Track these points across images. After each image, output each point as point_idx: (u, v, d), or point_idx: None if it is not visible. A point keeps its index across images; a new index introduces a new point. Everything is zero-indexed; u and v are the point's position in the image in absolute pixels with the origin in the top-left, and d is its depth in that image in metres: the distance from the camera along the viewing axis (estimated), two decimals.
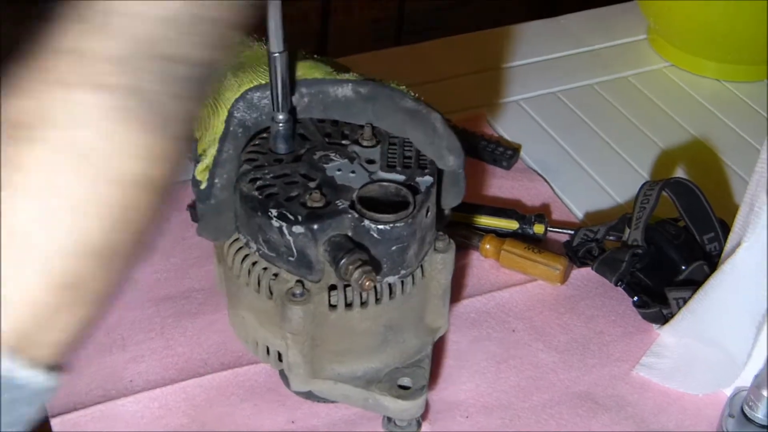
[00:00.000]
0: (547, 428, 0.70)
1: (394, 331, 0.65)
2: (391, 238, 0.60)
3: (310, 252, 0.61)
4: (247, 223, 0.62)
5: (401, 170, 0.64)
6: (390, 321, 0.65)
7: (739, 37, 1.04)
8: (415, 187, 0.63)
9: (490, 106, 1.03)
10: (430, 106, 0.65)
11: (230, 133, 0.63)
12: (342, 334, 0.64)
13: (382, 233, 0.60)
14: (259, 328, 0.65)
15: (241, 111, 0.64)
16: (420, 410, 0.66)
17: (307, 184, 0.62)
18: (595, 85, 1.08)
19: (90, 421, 0.69)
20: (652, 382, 0.74)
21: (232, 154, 0.63)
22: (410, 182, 0.63)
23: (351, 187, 0.63)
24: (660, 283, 0.77)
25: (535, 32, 1.16)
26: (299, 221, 0.60)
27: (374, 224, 0.60)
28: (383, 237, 0.60)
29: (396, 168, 0.64)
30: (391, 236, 0.60)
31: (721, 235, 0.78)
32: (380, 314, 0.64)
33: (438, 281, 0.67)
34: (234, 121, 0.64)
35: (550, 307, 0.79)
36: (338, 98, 0.65)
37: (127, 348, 0.74)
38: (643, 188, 0.80)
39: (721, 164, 0.97)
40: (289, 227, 0.60)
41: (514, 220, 0.84)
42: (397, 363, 0.66)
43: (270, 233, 0.61)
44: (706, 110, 1.05)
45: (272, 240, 0.61)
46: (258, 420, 0.69)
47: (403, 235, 0.61)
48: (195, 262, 0.81)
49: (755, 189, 0.68)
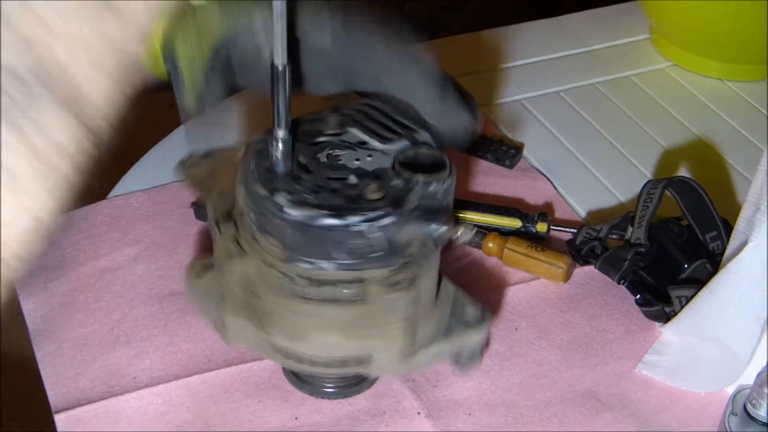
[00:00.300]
0: (550, 426, 0.70)
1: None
2: (449, 192, 0.63)
3: (396, 238, 0.60)
4: (316, 247, 0.60)
5: (397, 138, 0.64)
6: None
7: (741, 37, 1.05)
8: (427, 143, 0.64)
9: (493, 106, 1.03)
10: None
11: (215, 68, 0.63)
12: (426, 298, 0.65)
13: (447, 190, 0.62)
14: (346, 342, 0.64)
15: (226, 50, 0.63)
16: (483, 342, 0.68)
17: (347, 183, 0.62)
18: (597, 85, 1.08)
19: (94, 417, 0.69)
20: (654, 380, 0.74)
21: (219, 86, 0.63)
22: (415, 142, 0.64)
23: (383, 167, 0.63)
24: (663, 282, 0.77)
25: (537, 32, 1.17)
26: (385, 214, 0.60)
27: (440, 183, 0.61)
28: (446, 192, 0.62)
29: (391, 138, 0.64)
30: (449, 191, 0.62)
31: (724, 233, 0.78)
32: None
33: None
34: (219, 58, 0.63)
35: (553, 305, 0.80)
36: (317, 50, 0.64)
37: (131, 344, 0.74)
38: (646, 187, 0.80)
39: (723, 163, 0.97)
40: (375, 225, 0.59)
41: (517, 219, 0.85)
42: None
43: (351, 240, 0.60)
44: (708, 109, 1.05)
45: (354, 246, 0.60)
46: (262, 416, 0.70)
47: (452, 186, 0.63)
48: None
49: (759, 188, 0.68)
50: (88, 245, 0.82)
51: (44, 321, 0.76)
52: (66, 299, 0.77)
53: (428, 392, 0.72)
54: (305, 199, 0.60)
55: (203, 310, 0.68)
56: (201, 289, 0.68)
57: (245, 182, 0.62)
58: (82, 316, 0.76)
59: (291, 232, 0.60)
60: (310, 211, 0.59)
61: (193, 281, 0.68)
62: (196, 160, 0.71)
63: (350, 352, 0.64)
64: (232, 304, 0.65)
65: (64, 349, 0.74)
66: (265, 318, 0.64)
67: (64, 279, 0.79)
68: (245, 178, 0.62)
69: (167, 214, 0.85)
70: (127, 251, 0.82)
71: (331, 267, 0.61)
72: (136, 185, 0.89)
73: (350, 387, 0.71)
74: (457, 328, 0.66)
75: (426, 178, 0.61)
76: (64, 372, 0.72)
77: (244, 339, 0.66)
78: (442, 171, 0.62)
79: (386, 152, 0.64)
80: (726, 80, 1.09)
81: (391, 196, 0.61)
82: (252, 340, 0.66)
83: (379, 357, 0.64)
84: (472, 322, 0.67)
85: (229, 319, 0.65)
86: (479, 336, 0.67)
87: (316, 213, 0.59)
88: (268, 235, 0.61)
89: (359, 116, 0.67)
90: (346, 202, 0.60)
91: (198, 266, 0.69)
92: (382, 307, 0.62)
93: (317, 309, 0.62)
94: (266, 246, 0.62)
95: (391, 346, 0.64)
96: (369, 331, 0.63)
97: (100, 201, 0.87)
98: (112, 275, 0.80)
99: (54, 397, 0.70)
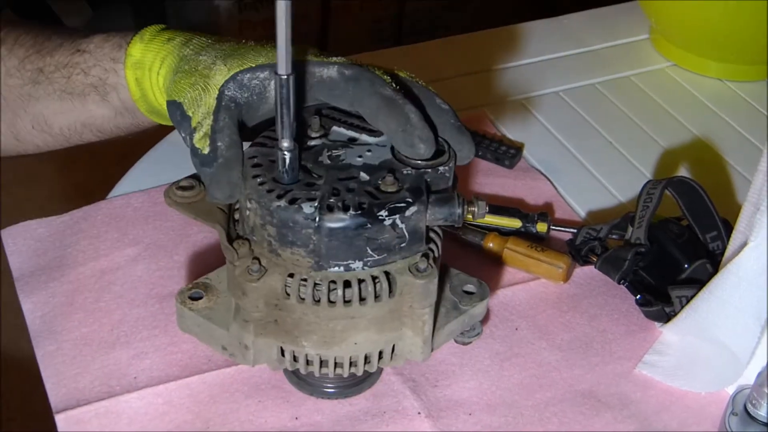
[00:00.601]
0: (550, 426, 0.70)
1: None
2: (452, 173, 0.64)
3: (420, 225, 0.62)
4: (348, 249, 0.60)
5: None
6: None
7: (741, 37, 1.05)
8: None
9: (492, 106, 1.03)
10: (407, 99, 0.64)
11: (223, 106, 0.64)
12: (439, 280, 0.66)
13: (451, 170, 0.64)
14: (379, 337, 0.64)
15: (231, 90, 0.64)
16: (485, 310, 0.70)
17: (360, 180, 0.62)
18: (597, 85, 1.08)
19: (94, 417, 0.69)
20: (654, 380, 0.74)
21: (228, 122, 0.63)
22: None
23: (387, 159, 0.63)
24: (663, 282, 0.77)
25: (537, 32, 1.17)
26: (409, 204, 0.61)
27: (447, 166, 0.63)
28: (451, 173, 0.64)
29: (377, 131, 0.65)
30: (452, 171, 0.64)
31: (723, 233, 0.78)
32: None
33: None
34: (225, 97, 0.64)
35: (553, 306, 0.80)
36: (323, 79, 0.65)
37: (131, 345, 0.74)
38: (646, 187, 0.80)
39: (723, 163, 0.97)
40: (401, 216, 0.60)
41: (517, 219, 0.85)
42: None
43: (382, 235, 0.60)
44: (708, 110, 1.05)
45: (384, 241, 0.61)
46: (262, 416, 0.70)
47: (454, 166, 0.65)
48: (198, 260, 0.82)
49: (759, 188, 0.68)
50: (88, 245, 0.82)
51: (44, 321, 0.76)
52: (66, 299, 0.77)
53: (428, 392, 0.72)
54: (330, 204, 0.60)
55: (206, 336, 0.67)
56: (201, 315, 0.66)
57: (257, 198, 0.61)
58: (82, 316, 0.76)
59: (322, 238, 0.60)
60: (340, 213, 0.60)
61: (188, 309, 0.67)
62: (185, 183, 0.67)
63: (381, 347, 0.65)
64: (254, 324, 0.64)
65: (64, 349, 0.74)
66: (295, 330, 0.63)
67: (64, 279, 0.79)
68: (256, 193, 0.61)
69: (167, 214, 0.85)
70: (127, 251, 0.82)
71: (362, 266, 0.61)
72: (136, 186, 0.89)
73: (350, 387, 0.71)
74: (461, 303, 0.68)
75: (432, 163, 0.63)
76: (64, 372, 0.72)
77: (267, 358, 0.65)
78: (443, 154, 0.64)
79: (381, 144, 0.65)
80: (726, 80, 1.09)
81: (408, 185, 0.62)
82: (276, 356, 0.65)
83: (405, 345, 0.65)
84: (474, 296, 0.69)
85: (252, 339, 0.64)
86: (482, 308, 0.69)
87: (347, 215, 0.60)
88: (292, 247, 0.61)
89: (336, 114, 0.67)
90: (369, 198, 0.61)
91: (188, 292, 0.67)
92: (412, 296, 0.63)
93: (351, 310, 0.62)
94: (290, 258, 0.61)
95: (419, 333, 0.64)
96: (399, 322, 0.64)
97: (99, 201, 0.87)
98: (112, 275, 0.80)
99: (54, 397, 0.70)
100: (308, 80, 0.66)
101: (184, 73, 0.67)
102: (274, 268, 0.62)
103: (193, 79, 0.66)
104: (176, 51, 0.70)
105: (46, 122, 0.79)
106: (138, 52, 0.72)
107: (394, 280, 0.62)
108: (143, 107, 0.75)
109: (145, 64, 0.72)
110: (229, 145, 0.63)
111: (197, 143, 0.63)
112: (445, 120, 0.66)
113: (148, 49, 0.72)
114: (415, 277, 0.62)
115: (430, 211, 0.62)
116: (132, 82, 0.73)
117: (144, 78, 0.72)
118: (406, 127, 0.63)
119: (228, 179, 0.62)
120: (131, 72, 0.73)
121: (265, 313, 0.63)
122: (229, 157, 0.62)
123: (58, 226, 0.84)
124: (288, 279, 0.62)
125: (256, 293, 0.62)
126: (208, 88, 0.65)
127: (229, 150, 0.63)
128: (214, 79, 0.65)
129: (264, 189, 0.61)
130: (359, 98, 0.65)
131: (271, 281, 0.62)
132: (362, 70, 0.65)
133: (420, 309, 0.63)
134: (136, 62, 0.72)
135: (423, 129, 0.63)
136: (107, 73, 0.75)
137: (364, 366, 0.65)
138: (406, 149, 0.63)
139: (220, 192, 0.63)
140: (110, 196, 0.88)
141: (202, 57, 0.67)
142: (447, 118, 0.66)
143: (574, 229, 0.84)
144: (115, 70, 0.74)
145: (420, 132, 0.62)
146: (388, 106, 0.63)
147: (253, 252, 0.63)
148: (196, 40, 0.70)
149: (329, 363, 0.65)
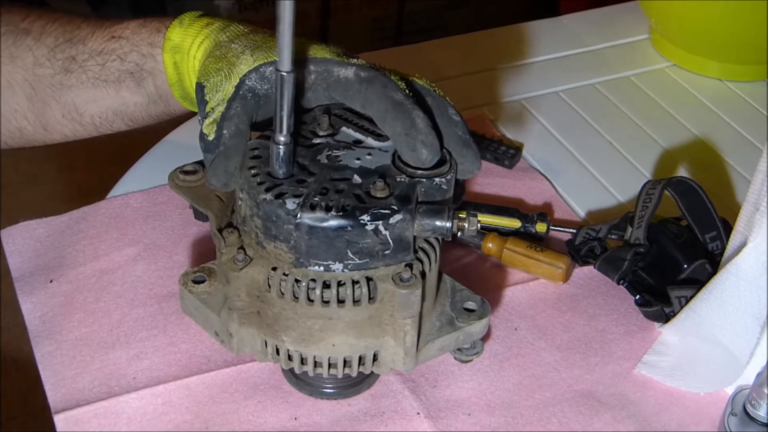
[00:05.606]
0: (550, 426, 0.70)
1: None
2: (451, 186, 0.64)
3: (406, 234, 0.61)
4: (328, 249, 0.60)
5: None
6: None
7: (740, 37, 1.05)
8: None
9: (492, 106, 1.03)
10: (416, 105, 0.64)
11: (239, 95, 0.64)
12: (430, 293, 0.66)
13: (449, 182, 0.63)
14: (358, 342, 0.64)
15: (252, 80, 0.65)
16: (485, 330, 0.69)
17: (352, 182, 0.62)
18: (597, 85, 1.08)
19: (93, 417, 0.69)
20: (654, 381, 0.74)
21: (240, 111, 0.64)
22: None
23: (385, 164, 0.63)
24: (662, 282, 0.77)
25: (537, 32, 1.17)
26: (395, 211, 0.60)
27: (444, 177, 0.63)
28: (449, 185, 0.63)
29: (385, 136, 0.65)
30: (451, 184, 0.64)
31: (723, 234, 0.78)
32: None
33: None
34: (245, 87, 0.65)
35: (552, 306, 0.80)
36: (340, 79, 0.66)
37: (130, 345, 0.74)
38: (646, 187, 0.80)
39: (723, 163, 0.97)
40: (385, 223, 0.60)
41: (516, 219, 0.85)
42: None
43: (363, 240, 0.60)
44: (708, 110, 1.05)
45: (365, 245, 0.60)
46: (261, 416, 0.70)
47: (453, 179, 0.64)
48: (198, 260, 0.82)
49: (759, 188, 0.68)
50: (88, 245, 0.82)
51: (44, 321, 0.76)
52: (66, 299, 0.77)
53: (428, 392, 0.72)
54: (314, 202, 0.60)
55: (202, 319, 0.68)
56: (199, 299, 0.67)
57: (248, 189, 0.62)
58: (82, 316, 0.76)
59: (301, 235, 0.60)
60: (321, 213, 0.60)
61: (188, 291, 0.68)
62: (189, 168, 0.71)
63: (361, 352, 0.64)
64: (238, 313, 0.64)
65: (64, 349, 0.74)
66: (275, 324, 0.64)
67: (64, 279, 0.79)
68: (247, 184, 0.62)
69: (166, 214, 0.85)
70: (127, 251, 0.82)
71: (342, 268, 0.61)
72: (135, 186, 0.89)
73: (350, 387, 0.71)
74: (458, 320, 0.67)
75: (429, 173, 0.62)
76: (63, 372, 0.72)
77: (251, 348, 0.66)
78: (443, 165, 0.63)
79: (384, 149, 0.65)
80: (726, 80, 1.09)
81: (397, 192, 0.61)
82: (260, 348, 0.65)
83: (388, 354, 0.65)
84: (473, 314, 0.68)
85: (235, 327, 0.65)
86: (480, 327, 0.68)
87: (328, 215, 0.60)
88: (275, 241, 0.61)
89: (349, 115, 0.67)
90: (355, 201, 0.60)
91: (192, 275, 0.68)
92: (393, 305, 0.62)
93: (328, 311, 0.62)
94: (273, 251, 0.62)
95: (401, 343, 0.64)
96: (380, 329, 0.63)
97: (99, 201, 0.87)
98: (111, 275, 0.80)
99: (53, 398, 0.70)
100: (326, 79, 0.66)
101: (214, 59, 0.68)
102: (258, 260, 0.63)
103: (219, 65, 0.67)
104: (213, 36, 0.71)
105: (77, 110, 0.79)
106: (177, 36, 0.73)
107: (375, 286, 0.62)
108: (177, 92, 0.75)
109: (183, 47, 0.72)
110: (233, 134, 0.63)
111: (205, 128, 0.64)
112: (453, 131, 0.66)
113: (187, 33, 0.72)
114: (397, 287, 0.61)
115: (418, 221, 0.61)
116: (170, 66, 0.74)
117: (182, 62, 0.73)
118: (410, 130, 0.63)
119: (225, 168, 0.63)
120: (169, 56, 0.74)
121: (247, 303, 0.63)
122: (230, 146, 0.63)
123: (57, 226, 0.84)
124: (271, 272, 0.62)
125: (238, 282, 0.62)
126: (230, 76, 0.66)
127: (232, 139, 0.63)
128: (238, 68, 0.66)
129: (255, 181, 0.62)
130: (370, 100, 0.65)
131: (254, 272, 0.62)
132: (377, 73, 0.65)
133: (401, 319, 0.63)
134: (174, 46, 0.73)
135: (427, 134, 0.63)
136: (144, 58, 0.75)
137: (343, 369, 0.65)
138: (408, 153, 0.63)
139: (216, 179, 0.64)
140: (109, 196, 0.88)
141: (234, 45, 0.68)
142: (455, 130, 0.66)
143: (574, 230, 0.84)
144: (153, 54, 0.75)
145: (424, 137, 0.62)
146: (396, 109, 0.63)
147: (241, 242, 0.64)
148: (234, 28, 0.71)
149: (308, 361, 0.65)
